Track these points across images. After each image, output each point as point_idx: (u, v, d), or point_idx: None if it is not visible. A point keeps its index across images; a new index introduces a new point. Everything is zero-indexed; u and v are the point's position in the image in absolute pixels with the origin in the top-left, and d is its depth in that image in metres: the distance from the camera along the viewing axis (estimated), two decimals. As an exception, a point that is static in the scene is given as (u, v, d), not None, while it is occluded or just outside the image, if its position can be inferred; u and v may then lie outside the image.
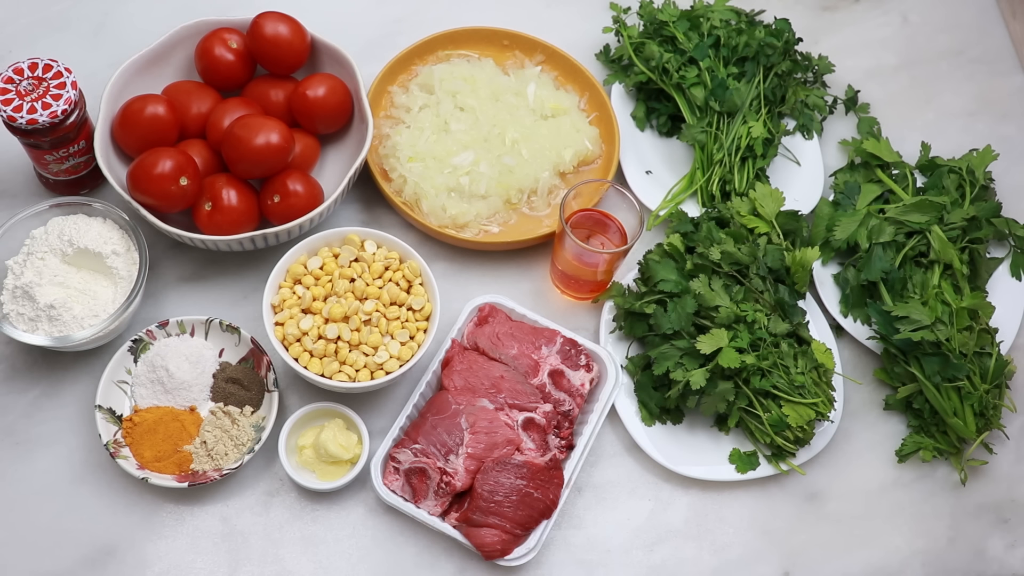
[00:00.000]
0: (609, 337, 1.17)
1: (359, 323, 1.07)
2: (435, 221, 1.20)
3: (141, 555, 1.05)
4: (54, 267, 1.08)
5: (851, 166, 1.29)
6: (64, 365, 1.12)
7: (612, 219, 1.17)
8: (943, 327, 1.11)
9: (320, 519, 1.08)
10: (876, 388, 1.20)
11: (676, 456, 1.12)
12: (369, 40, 1.34)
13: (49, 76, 1.08)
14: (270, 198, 1.13)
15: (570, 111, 1.27)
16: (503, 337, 1.11)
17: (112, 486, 1.07)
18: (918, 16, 1.46)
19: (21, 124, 1.07)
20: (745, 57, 1.27)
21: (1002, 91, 1.41)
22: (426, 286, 1.11)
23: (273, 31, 1.17)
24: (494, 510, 1.03)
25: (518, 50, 1.33)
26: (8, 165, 1.21)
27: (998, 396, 1.14)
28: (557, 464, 1.07)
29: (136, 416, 1.07)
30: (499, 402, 1.08)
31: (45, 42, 1.31)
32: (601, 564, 1.08)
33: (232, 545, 1.06)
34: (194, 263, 1.19)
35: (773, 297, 1.13)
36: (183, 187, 1.08)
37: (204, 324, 1.12)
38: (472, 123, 1.23)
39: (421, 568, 1.07)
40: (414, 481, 1.05)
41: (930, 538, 1.13)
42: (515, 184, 1.21)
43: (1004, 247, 1.25)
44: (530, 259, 1.23)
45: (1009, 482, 1.16)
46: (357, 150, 1.18)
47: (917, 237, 1.18)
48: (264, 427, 1.08)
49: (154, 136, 1.12)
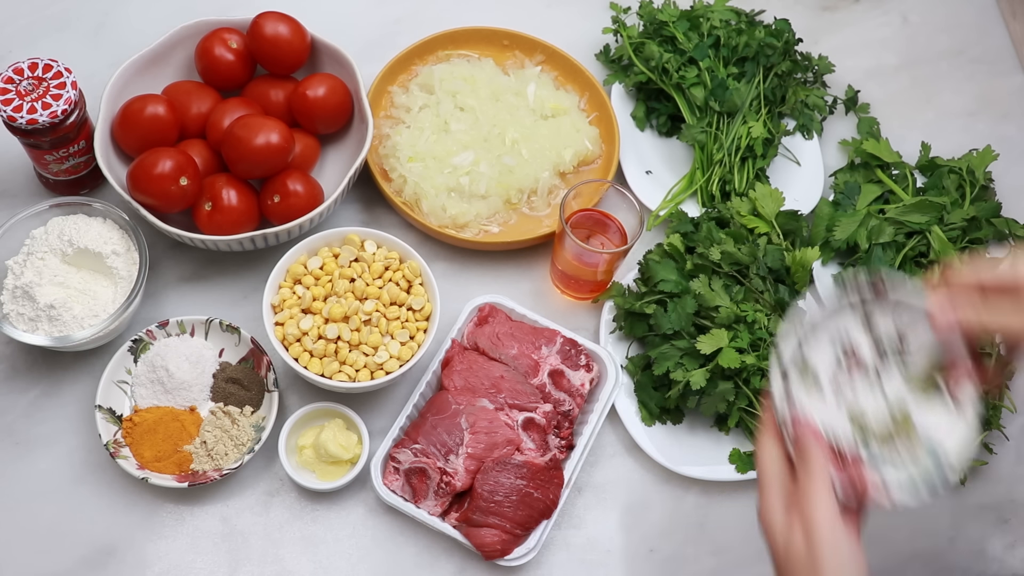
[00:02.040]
0: (609, 337, 1.17)
1: (359, 323, 1.07)
2: (435, 221, 1.20)
3: (141, 555, 1.05)
4: (54, 267, 1.08)
5: (851, 166, 1.29)
6: (64, 365, 1.12)
7: (612, 219, 1.17)
8: (943, 327, 1.11)
9: (320, 519, 1.08)
10: (876, 388, 1.20)
11: (676, 456, 1.12)
12: (369, 40, 1.34)
13: (49, 76, 1.08)
14: (270, 198, 1.13)
15: (570, 111, 1.27)
16: (503, 337, 1.11)
17: (112, 486, 1.07)
18: (918, 16, 1.46)
19: (21, 124, 1.07)
20: (745, 57, 1.27)
21: (1002, 91, 1.41)
22: (426, 286, 1.11)
23: (273, 31, 1.17)
24: (494, 510, 1.03)
25: (518, 50, 1.33)
26: (8, 165, 1.21)
27: (998, 397, 1.14)
28: (557, 464, 1.08)
29: (136, 416, 1.07)
30: (499, 402, 1.08)
31: (45, 42, 1.31)
32: (601, 564, 1.08)
33: (232, 545, 1.06)
34: (194, 263, 1.19)
35: (773, 297, 1.13)
36: (183, 187, 1.09)
37: (204, 324, 1.12)
38: (472, 123, 1.24)
39: (421, 568, 1.07)
40: (414, 481, 1.05)
41: (930, 538, 1.13)
42: (515, 184, 1.21)
43: (1004, 247, 1.25)
44: (530, 259, 1.23)
45: (1009, 482, 1.16)
46: (357, 150, 1.18)
47: (917, 237, 1.18)
48: (264, 427, 1.08)
49: (154, 136, 1.12)
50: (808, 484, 0.79)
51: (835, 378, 0.84)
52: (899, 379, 0.84)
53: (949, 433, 0.82)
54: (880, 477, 0.81)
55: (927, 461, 0.81)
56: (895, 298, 0.82)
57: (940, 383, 0.83)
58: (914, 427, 0.83)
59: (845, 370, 0.84)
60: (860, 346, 0.84)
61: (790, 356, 0.83)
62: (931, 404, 0.83)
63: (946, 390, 0.83)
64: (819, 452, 0.80)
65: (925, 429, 0.82)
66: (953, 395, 0.83)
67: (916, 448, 0.82)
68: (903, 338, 0.83)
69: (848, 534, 0.78)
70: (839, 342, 0.84)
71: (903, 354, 0.83)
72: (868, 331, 0.84)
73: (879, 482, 0.81)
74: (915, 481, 0.81)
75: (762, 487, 0.82)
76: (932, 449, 0.82)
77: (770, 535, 0.81)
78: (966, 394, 0.82)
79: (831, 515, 0.78)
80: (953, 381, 0.83)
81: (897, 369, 0.84)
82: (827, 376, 0.84)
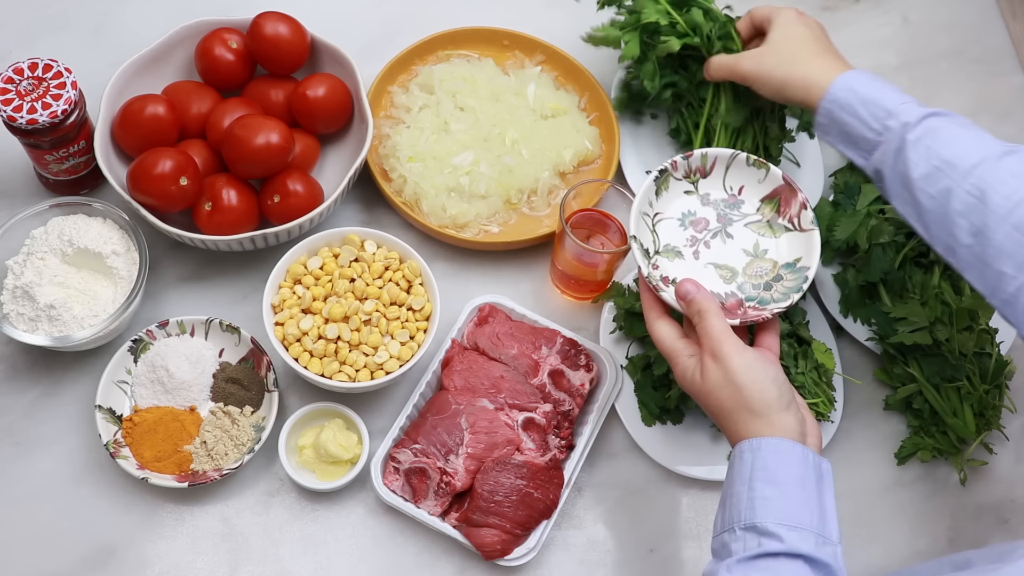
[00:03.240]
0: (609, 337, 1.17)
1: (359, 323, 1.07)
2: (435, 221, 1.20)
3: (141, 555, 1.05)
4: (54, 267, 1.08)
5: (851, 166, 1.29)
6: (64, 365, 1.12)
7: (612, 219, 1.17)
8: (943, 327, 1.11)
9: (320, 519, 1.08)
10: (876, 388, 1.20)
11: (676, 456, 1.12)
12: (369, 40, 1.34)
13: (49, 76, 1.08)
14: (270, 198, 1.13)
15: (570, 111, 1.27)
16: (503, 337, 1.11)
17: (112, 486, 1.07)
18: (918, 16, 1.46)
19: (21, 124, 1.07)
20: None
21: (1002, 91, 1.41)
22: (426, 286, 1.11)
23: (273, 31, 1.17)
24: (494, 510, 1.03)
25: (518, 50, 1.33)
26: (8, 165, 1.21)
27: (998, 396, 1.14)
28: (557, 464, 1.07)
29: (136, 416, 1.07)
30: (499, 402, 1.08)
31: (45, 42, 1.31)
32: (601, 564, 1.08)
33: (232, 545, 1.06)
34: (194, 263, 1.19)
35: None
36: (183, 187, 1.09)
37: (204, 324, 1.12)
38: (472, 123, 1.24)
39: (421, 568, 1.07)
40: (414, 481, 1.05)
41: (930, 538, 1.13)
42: (515, 184, 1.21)
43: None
44: (530, 259, 1.23)
45: (1009, 482, 1.16)
46: (357, 150, 1.18)
47: (917, 237, 1.18)
48: (264, 427, 1.08)
49: (154, 136, 1.12)
50: (704, 324, 0.90)
51: (692, 245, 1.00)
52: (743, 227, 1.02)
53: (800, 248, 1.00)
54: (753, 300, 0.98)
55: (787, 274, 0.99)
56: (716, 165, 1.02)
57: (780, 219, 1.02)
58: (765, 253, 1.01)
59: (700, 238, 1.01)
60: (703, 215, 1.02)
61: (650, 239, 1.00)
62: (777, 235, 1.01)
63: (787, 222, 1.01)
64: (703, 293, 0.92)
65: (778, 253, 1.00)
66: (796, 224, 1.01)
67: (775, 269, 1.00)
68: (737, 196, 1.03)
69: (751, 351, 0.90)
70: (686, 219, 1.01)
71: (741, 207, 1.02)
72: (706, 203, 1.02)
73: (754, 303, 0.97)
74: (785, 292, 0.97)
75: (671, 357, 0.93)
76: (787, 264, 0.99)
77: (692, 387, 0.91)
78: (806, 219, 1.00)
79: (731, 340, 0.89)
80: (791, 212, 1.01)
81: (740, 222, 1.02)
82: (684, 246, 1.00)
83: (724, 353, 0.88)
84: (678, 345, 0.93)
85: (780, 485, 0.84)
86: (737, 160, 1.01)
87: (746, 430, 0.88)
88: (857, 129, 0.99)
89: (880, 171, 0.99)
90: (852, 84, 0.99)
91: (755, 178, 1.02)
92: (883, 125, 0.97)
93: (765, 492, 0.84)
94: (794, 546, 0.81)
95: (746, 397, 0.87)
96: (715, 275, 0.99)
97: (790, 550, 0.81)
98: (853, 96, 0.99)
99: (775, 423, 0.87)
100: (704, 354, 0.90)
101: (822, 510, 0.85)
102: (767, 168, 1.01)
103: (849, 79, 1.00)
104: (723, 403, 0.89)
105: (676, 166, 1.01)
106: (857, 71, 1.01)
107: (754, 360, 0.88)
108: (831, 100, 1.00)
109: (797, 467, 0.85)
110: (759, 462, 0.86)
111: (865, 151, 1.00)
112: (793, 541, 0.82)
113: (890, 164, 0.97)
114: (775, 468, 0.85)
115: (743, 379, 0.87)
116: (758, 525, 0.83)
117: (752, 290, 0.98)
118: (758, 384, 0.87)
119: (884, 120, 0.97)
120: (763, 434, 0.87)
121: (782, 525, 0.82)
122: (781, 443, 0.86)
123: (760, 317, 0.95)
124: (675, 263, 0.99)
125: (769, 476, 0.85)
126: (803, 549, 0.81)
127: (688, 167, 1.02)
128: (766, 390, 0.87)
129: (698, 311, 0.91)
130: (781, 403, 0.88)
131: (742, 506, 0.85)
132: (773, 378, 0.88)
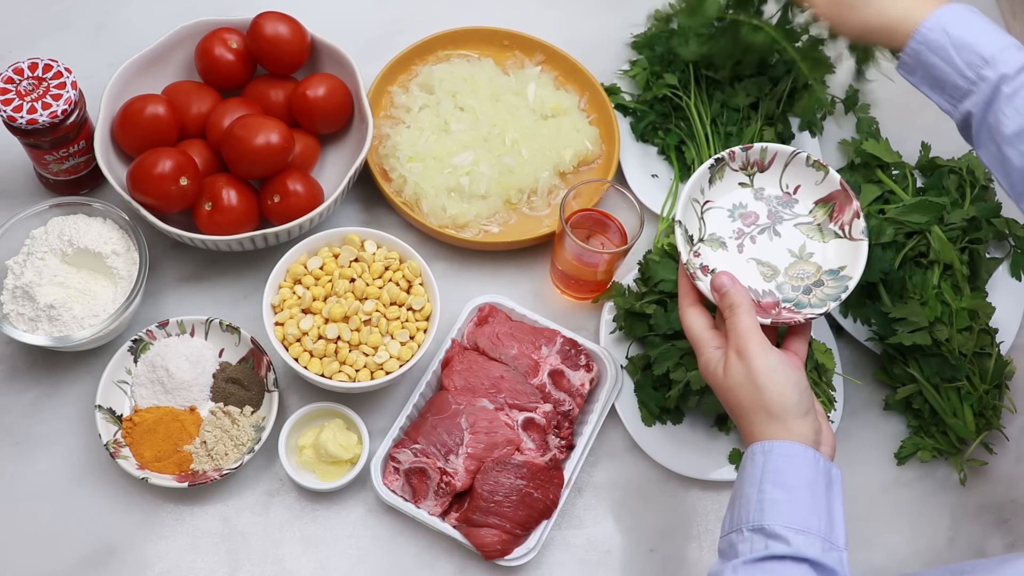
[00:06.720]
0: (609, 337, 1.17)
1: (359, 323, 1.07)
2: (435, 221, 1.20)
3: (141, 555, 1.05)
4: (54, 267, 1.08)
5: (851, 166, 1.29)
6: (64, 365, 1.12)
7: (612, 219, 1.17)
8: (943, 327, 1.11)
9: (320, 519, 1.08)
10: (876, 388, 1.20)
11: (676, 456, 1.12)
12: (369, 40, 1.34)
13: (49, 76, 1.08)
14: (270, 198, 1.13)
15: (570, 111, 1.27)
16: (503, 337, 1.11)
17: (112, 486, 1.07)
18: (918, 16, 1.45)
19: (21, 124, 1.07)
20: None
21: (1002, 91, 1.41)
22: (426, 286, 1.11)
23: (273, 31, 1.17)
24: (494, 510, 1.03)
25: (518, 50, 1.33)
26: (8, 165, 1.21)
27: (998, 397, 1.14)
28: (557, 464, 1.08)
29: (136, 416, 1.07)
30: (499, 402, 1.08)
31: (45, 42, 1.31)
32: (601, 564, 1.09)
33: (232, 545, 1.06)
34: (194, 263, 1.19)
35: (773, 297, 1.13)
36: (183, 187, 1.09)
37: (204, 324, 1.12)
38: (472, 123, 1.24)
39: (421, 568, 1.07)
40: (414, 481, 1.05)
41: (930, 538, 1.13)
42: (515, 184, 1.21)
43: (1004, 247, 1.25)
44: (530, 259, 1.23)
45: (1009, 482, 1.16)
46: (357, 150, 1.18)
47: (917, 237, 1.17)
48: (264, 427, 1.08)
49: (154, 136, 1.12)
50: (734, 319, 0.88)
51: (737, 238, 0.98)
52: (792, 227, 0.99)
53: (846, 257, 0.97)
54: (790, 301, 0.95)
55: (828, 280, 0.96)
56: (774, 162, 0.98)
57: (832, 224, 0.98)
58: (811, 256, 0.97)
59: (747, 232, 0.98)
60: (754, 210, 0.99)
61: (696, 226, 0.98)
62: (826, 239, 0.98)
63: (837, 228, 0.98)
64: (737, 288, 0.90)
65: (824, 258, 0.97)
66: (846, 231, 0.97)
67: (818, 274, 0.97)
68: (791, 195, 0.99)
69: (777, 353, 0.88)
70: (736, 211, 0.99)
71: (793, 207, 0.99)
72: (759, 198, 0.99)
73: (790, 305, 0.95)
74: (823, 299, 0.95)
75: (697, 346, 0.92)
76: (831, 271, 0.96)
77: (714, 381, 0.90)
78: (857, 228, 0.96)
79: (759, 339, 0.87)
80: (844, 219, 0.97)
81: (790, 221, 0.99)
82: (730, 238, 0.98)
83: (749, 351, 0.87)
84: (706, 335, 0.91)
85: (790, 489, 0.84)
86: (797, 158, 0.98)
87: (761, 432, 0.87)
88: (948, 75, 0.93)
89: (967, 120, 0.94)
90: (946, 24, 0.92)
91: (812, 179, 0.99)
92: (978, 74, 0.91)
93: (775, 495, 0.84)
94: (801, 550, 0.81)
95: (765, 399, 0.86)
96: (756, 271, 0.97)
97: (796, 554, 0.81)
98: (946, 39, 0.92)
99: (791, 428, 0.86)
100: (729, 349, 0.89)
101: (830, 516, 0.84)
102: (826, 171, 0.97)
103: (943, 18, 0.92)
104: (742, 401, 0.88)
105: (734, 156, 0.98)
106: (953, 6, 0.93)
107: (778, 363, 0.87)
108: (921, 40, 0.93)
109: (808, 472, 0.85)
110: (770, 465, 0.85)
111: (954, 98, 0.94)
112: (800, 545, 0.82)
113: (979, 115, 0.92)
114: (786, 471, 0.85)
115: (764, 380, 0.86)
116: (766, 527, 0.83)
117: (791, 292, 0.96)
118: (779, 387, 0.86)
119: (980, 69, 0.91)
120: (777, 438, 0.86)
121: (790, 528, 0.82)
122: (793, 447, 0.85)
123: (792, 320, 0.93)
124: (717, 253, 0.97)
125: (780, 479, 0.84)
126: (809, 553, 0.81)
127: (746, 159, 0.98)
128: (786, 394, 0.86)
129: (730, 305, 0.89)
130: (800, 409, 0.87)
131: (751, 507, 0.85)
132: (795, 383, 0.87)
